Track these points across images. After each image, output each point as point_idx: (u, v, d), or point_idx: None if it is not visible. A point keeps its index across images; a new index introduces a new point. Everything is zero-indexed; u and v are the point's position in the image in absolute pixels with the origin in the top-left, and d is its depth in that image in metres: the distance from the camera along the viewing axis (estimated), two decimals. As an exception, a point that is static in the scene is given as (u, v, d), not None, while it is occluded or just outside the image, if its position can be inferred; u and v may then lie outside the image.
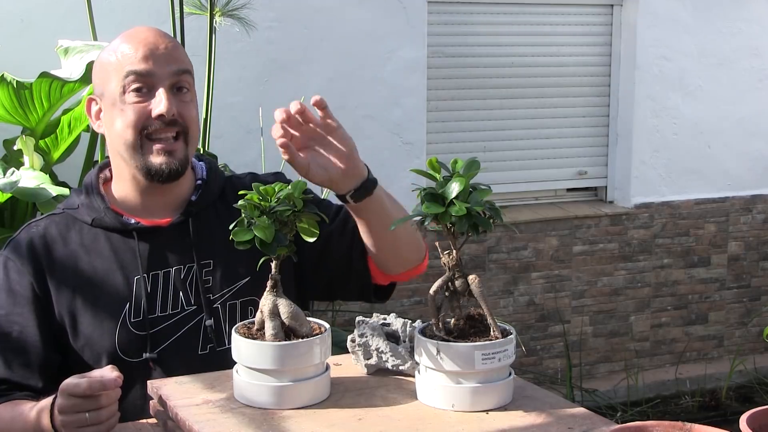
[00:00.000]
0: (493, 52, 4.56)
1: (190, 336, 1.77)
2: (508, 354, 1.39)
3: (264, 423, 1.35)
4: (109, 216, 1.79)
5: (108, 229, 1.79)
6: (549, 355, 4.72)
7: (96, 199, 1.81)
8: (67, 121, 3.02)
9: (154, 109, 1.74)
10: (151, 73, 1.74)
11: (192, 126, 1.79)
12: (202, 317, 1.77)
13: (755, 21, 4.91)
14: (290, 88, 3.93)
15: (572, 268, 4.70)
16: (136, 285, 1.75)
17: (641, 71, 4.69)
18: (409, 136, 4.29)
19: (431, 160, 1.42)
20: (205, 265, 1.79)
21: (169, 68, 1.75)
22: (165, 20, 3.17)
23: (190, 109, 1.79)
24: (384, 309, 4.12)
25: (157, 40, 1.77)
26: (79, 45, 2.84)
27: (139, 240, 1.78)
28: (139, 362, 1.73)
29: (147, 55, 1.74)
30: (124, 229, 1.79)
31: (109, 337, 1.73)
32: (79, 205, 1.82)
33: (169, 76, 1.75)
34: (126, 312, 1.74)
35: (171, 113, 1.74)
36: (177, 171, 1.76)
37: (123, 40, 1.78)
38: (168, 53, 1.76)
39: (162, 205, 1.82)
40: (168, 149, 1.75)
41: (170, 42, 1.79)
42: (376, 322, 1.57)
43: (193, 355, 1.76)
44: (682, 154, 4.86)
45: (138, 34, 1.79)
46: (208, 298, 1.78)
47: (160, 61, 1.75)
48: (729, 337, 5.12)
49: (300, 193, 1.44)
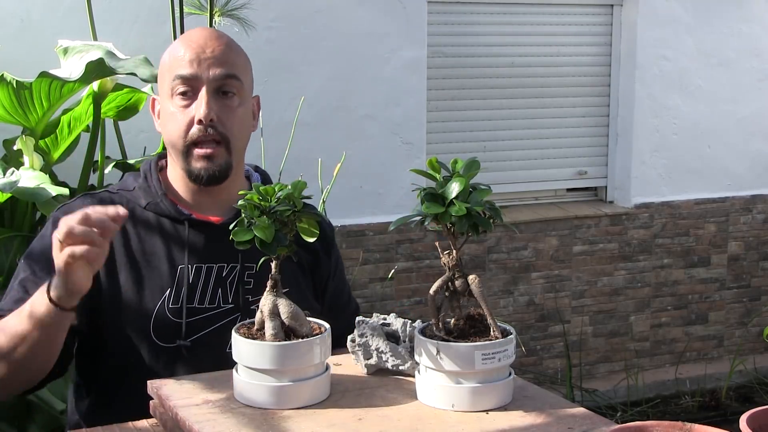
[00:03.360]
0: (493, 52, 4.56)
1: (222, 332, 1.77)
2: (508, 354, 1.39)
3: (264, 423, 1.35)
4: (165, 202, 1.81)
5: (161, 214, 1.81)
6: (549, 355, 4.71)
7: (155, 184, 1.83)
8: (66, 121, 3.02)
9: (195, 114, 1.75)
10: (196, 77, 1.75)
11: (234, 133, 1.78)
12: (237, 317, 1.78)
13: (755, 21, 4.91)
14: (290, 88, 3.93)
15: (572, 268, 4.70)
16: (179, 273, 1.76)
17: (641, 71, 4.69)
18: (409, 136, 4.29)
19: (431, 160, 1.42)
20: (248, 268, 1.80)
21: (214, 72, 1.75)
22: (165, 20, 3.16)
23: (234, 115, 1.78)
24: (384, 309, 4.13)
25: (206, 42, 1.77)
26: (79, 45, 2.84)
27: (189, 231, 1.80)
28: (170, 348, 1.74)
29: (193, 59, 1.75)
30: (177, 218, 1.81)
31: (146, 318, 1.74)
32: (135, 187, 1.84)
33: (212, 80, 1.75)
34: (166, 297, 1.76)
35: (209, 118, 1.74)
36: (216, 176, 1.78)
37: (179, 42, 1.81)
38: (215, 56, 1.76)
39: (211, 204, 1.84)
40: (208, 154, 1.76)
41: (220, 45, 1.79)
42: (376, 322, 1.57)
43: (221, 351, 1.76)
44: (682, 154, 4.86)
45: (190, 36, 1.80)
46: (247, 299, 1.80)
47: (206, 65, 1.75)
48: (729, 337, 5.12)
49: (300, 193, 1.44)
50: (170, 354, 1.73)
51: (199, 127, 1.75)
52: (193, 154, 1.77)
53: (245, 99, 1.82)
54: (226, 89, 1.78)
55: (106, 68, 2.67)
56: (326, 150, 3.83)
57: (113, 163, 3.12)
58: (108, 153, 3.13)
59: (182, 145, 1.77)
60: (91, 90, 2.87)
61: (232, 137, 1.78)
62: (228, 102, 1.78)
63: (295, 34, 4.01)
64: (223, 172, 1.78)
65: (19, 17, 3.54)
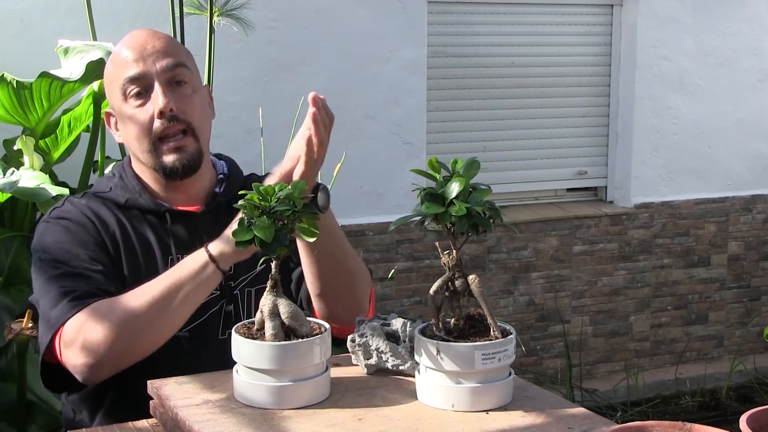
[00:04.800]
0: (493, 52, 4.56)
1: (214, 320, 1.80)
2: (508, 354, 1.39)
3: (264, 423, 1.35)
4: (144, 197, 1.81)
5: (142, 209, 1.81)
6: (549, 355, 4.71)
7: (131, 180, 1.83)
8: (67, 121, 3.02)
9: (154, 109, 1.75)
10: (145, 74, 1.76)
11: (196, 119, 1.79)
12: (223, 302, 1.80)
13: (755, 21, 4.90)
14: (290, 88, 3.93)
15: (572, 268, 4.70)
16: (170, 265, 1.77)
17: (641, 71, 4.69)
18: (409, 136, 4.29)
19: (431, 160, 1.42)
20: None
21: (161, 64, 1.76)
22: (165, 20, 3.17)
23: (192, 102, 1.79)
24: (384, 309, 4.13)
25: (146, 39, 1.78)
26: (79, 45, 2.84)
27: (172, 223, 1.80)
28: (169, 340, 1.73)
29: (137, 58, 1.76)
30: (158, 211, 1.81)
31: None
32: (112, 187, 1.84)
33: (162, 72, 1.76)
34: None
35: (168, 107, 1.74)
36: (191, 165, 1.78)
37: (118, 48, 1.81)
38: (157, 50, 1.77)
39: (185, 198, 1.84)
40: (177, 146, 1.77)
41: (160, 39, 1.80)
42: (376, 322, 1.57)
43: (214, 339, 1.78)
44: (682, 154, 4.86)
45: (129, 39, 1.81)
46: (230, 284, 1.81)
47: (151, 60, 1.76)
48: (729, 337, 5.12)
49: (300, 193, 1.44)
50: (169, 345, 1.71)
51: (161, 120, 1.75)
52: (161, 149, 1.77)
53: (198, 87, 1.83)
54: (178, 79, 1.78)
55: (106, 68, 2.67)
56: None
57: (113, 163, 3.12)
58: (108, 153, 3.14)
59: (148, 143, 1.77)
60: (91, 90, 2.87)
61: (195, 124, 1.79)
62: (182, 90, 1.79)
63: (295, 34, 4.00)
64: (195, 160, 1.79)
65: (19, 17, 3.54)
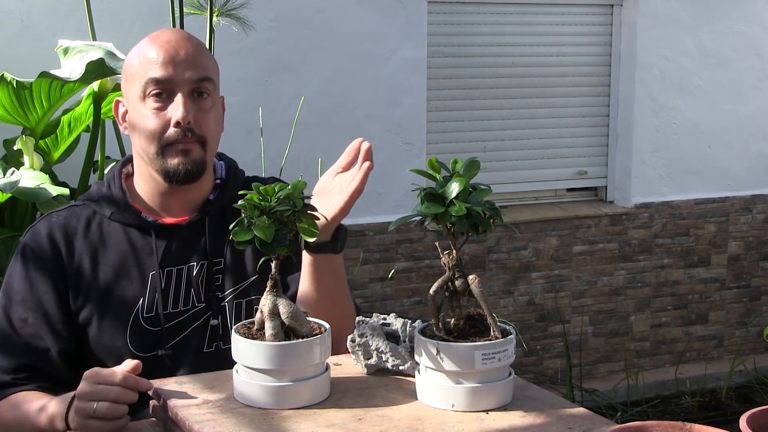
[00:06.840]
0: (493, 52, 4.55)
1: (198, 333, 1.78)
2: (508, 354, 1.39)
3: (264, 423, 1.35)
4: (128, 212, 1.80)
5: (126, 224, 1.80)
6: (549, 355, 4.71)
7: (117, 192, 1.82)
8: (67, 121, 3.02)
9: (171, 116, 1.74)
10: (170, 80, 1.74)
11: (210, 134, 1.79)
12: (209, 315, 1.78)
13: (755, 21, 4.90)
14: (290, 88, 3.93)
15: (572, 268, 4.70)
16: (151, 280, 1.76)
17: (641, 71, 4.69)
18: (409, 136, 4.29)
19: (431, 160, 1.42)
20: (216, 263, 1.80)
21: (189, 74, 1.75)
22: (164, 20, 3.16)
23: (209, 117, 1.79)
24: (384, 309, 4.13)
25: (179, 44, 1.77)
26: (79, 45, 2.84)
27: (156, 238, 1.79)
28: (150, 357, 1.73)
29: (167, 61, 1.74)
30: (142, 226, 1.80)
31: (121, 331, 1.75)
32: (99, 197, 1.83)
33: (188, 82, 1.75)
34: (139, 307, 1.76)
35: (187, 120, 1.74)
36: (192, 171, 1.77)
37: (147, 43, 1.79)
38: (189, 59, 1.76)
39: (180, 204, 1.83)
40: (185, 149, 1.76)
41: (193, 47, 1.78)
42: (376, 322, 1.57)
43: (200, 353, 1.77)
44: (682, 154, 4.86)
45: (161, 38, 1.79)
46: (217, 296, 1.80)
47: (180, 67, 1.75)
48: (729, 337, 5.12)
49: (300, 193, 1.44)
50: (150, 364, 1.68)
51: (177, 129, 1.74)
52: (168, 152, 1.76)
53: (216, 100, 1.83)
54: (201, 90, 1.77)
55: (106, 68, 2.67)
56: (326, 150, 3.80)
57: (113, 163, 3.12)
58: (108, 153, 3.13)
59: (157, 146, 1.76)
60: (91, 90, 2.87)
61: (209, 139, 1.79)
62: (202, 104, 1.78)
63: (295, 34, 4.00)
64: (199, 168, 1.78)
65: (19, 17, 3.54)
